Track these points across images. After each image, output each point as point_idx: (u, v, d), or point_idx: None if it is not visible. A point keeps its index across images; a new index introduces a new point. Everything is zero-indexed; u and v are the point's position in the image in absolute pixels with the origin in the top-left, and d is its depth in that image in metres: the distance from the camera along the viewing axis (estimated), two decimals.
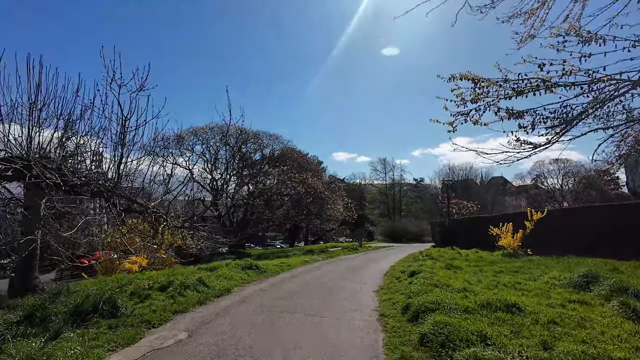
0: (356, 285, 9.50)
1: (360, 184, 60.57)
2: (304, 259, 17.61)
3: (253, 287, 9.29)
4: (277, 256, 21.72)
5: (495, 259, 15.32)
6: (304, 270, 13.31)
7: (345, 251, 23.72)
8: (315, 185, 25.42)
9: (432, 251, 20.37)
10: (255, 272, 11.73)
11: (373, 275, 11.75)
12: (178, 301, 6.84)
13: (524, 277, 10.04)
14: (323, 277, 11.25)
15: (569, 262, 12.92)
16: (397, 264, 14.89)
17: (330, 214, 27.43)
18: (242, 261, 13.50)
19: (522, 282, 8.89)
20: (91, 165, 7.78)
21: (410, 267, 12.53)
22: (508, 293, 7.35)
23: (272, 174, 30.72)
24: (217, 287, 8.43)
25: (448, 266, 12.11)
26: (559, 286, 8.31)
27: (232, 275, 10.71)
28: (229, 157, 28.82)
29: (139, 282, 9.08)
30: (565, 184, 65.76)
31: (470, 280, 9.20)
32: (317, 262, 16.77)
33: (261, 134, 32.11)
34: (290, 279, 10.86)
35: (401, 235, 36.88)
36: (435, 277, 8.95)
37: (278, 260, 16.94)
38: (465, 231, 24.01)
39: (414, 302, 5.79)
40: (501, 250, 17.92)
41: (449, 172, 64.05)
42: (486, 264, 13.59)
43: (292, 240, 50.90)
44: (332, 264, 15.47)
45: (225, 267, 12.41)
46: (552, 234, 17.35)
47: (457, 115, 4.09)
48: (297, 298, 7.61)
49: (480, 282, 9.16)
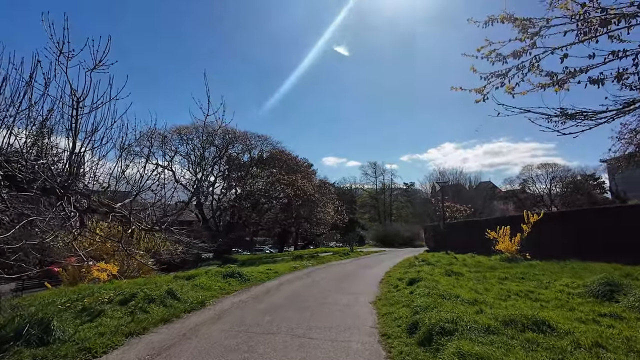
0: (350, 295, 8.43)
1: (350, 188, 59.75)
2: (292, 265, 16.44)
3: (232, 298, 8.10)
4: (264, 262, 20.45)
5: (494, 264, 14.50)
6: (292, 277, 12.16)
7: (336, 256, 22.63)
8: (305, 188, 24.31)
9: (428, 256, 19.49)
10: (238, 281, 10.53)
11: (368, 283, 10.70)
12: (137, 319, 5.63)
13: (532, 284, 9.18)
14: (313, 285, 10.13)
15: (573, 268, 12.21)
16: (392, 270, 13.90)
17: (320, 218, 26.31)
18: (224, 268, 12.28)
19: (534, 291, 8.00)
20: (36, 156, 6.49)
21: (407, 274, 11.55)
22: (525, 305, 6.43)
23: (261, 176, 29.49)
24: (190, 300, 7.22)
25: (448, 272, 11.17)
26: (577, 295, 7.45)
27: (211, 284, 9.50)
28: (215, 157, 27.47)
29: (99, 295, 7.82)
30: (553, 189, 66.60)
31: (477, 289, 8.26)
32: (306, 268, 15.63)
33: (249, 135, 30.89)
34: (277, 288, 9.71)
35: (393, 240, 36.02)
36: (439, 286, 7.98)
37: (265, 266, 15.72)
38: (460, 235, 23.28)
39: (424, 320, 4.75)
40: (499, 254, 17.17)
41: (440, 176, 64.00)
42: (487, 270, 12.75)
43: (281, 245, 49.46)
44: (322, 271, 14.36)
45: (204, 275, 11.18)
46: (549, 238, 16.67)
47: (490, 77, 3.09)
48: (283, 312, 6.49)
49: (488, 290, 8.23)
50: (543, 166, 68.91)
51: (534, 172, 68.58)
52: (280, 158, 29.28)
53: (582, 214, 16.79)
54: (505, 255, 16.57)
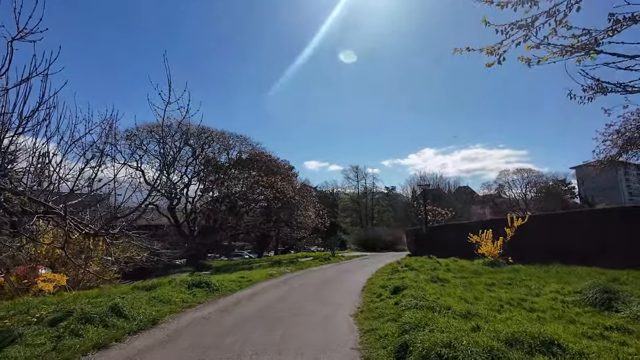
0: (329, 307, 7.56)
1: (332, 192, 59.14)
2: (269, 271, 15.40)
3: (194, 313, 7.03)
4: (239, 268, 19.25)
5: (478, 269, 14.08)
6: (267, 286, 11.15)
7: (316, 261, 21.72)
8: (285, 190, 23.29)
9: (410, 261, 18.95)
10: (205, 291, 9.42)
11: (349, 291, 9.87)
12: (62, 346, 4.50)
13: (522, 291, 8.68)
14: (289, 295, 9.19)
15: (558, 272, 11.92)
16: (375, 276, 13.16)
17: (301, 221, 25.31)
18: (191, 277, 11.10)
19: (526, 299, 7.44)
20: None
21: (391, 281, 10.82)
22: (522, 316, 5.79)
23: (239, 178, 28.21)
24: (140, 318, 6.10)
25: (434, 279, 10.54)
26: (572, 304, 6.93)
27: (172, 296, 8.36)
28: (190, 157, 26.00)
29: (34, 311, 6.57)
30: (528, 193, 68.79)
31: (466, 298, 7.61)
32: (284, 274, 14.63)
33: (227, 135, 29.58)
34: (249, 299, 8.69)
35: (375, 244, 35.51)
36: (426, 295, 7.26)
37: (239, 273, 14.60)
38: (442, 239, 22.98)
39: (415, 343, 3.95)
40: (482, 258, 16.85)
41: (420, 180, 64.62)
42: (472, 275, 12.27)
43: (260, 250, 47.94)
44: (301, 277, 13.42)
45: (167, 285, 9.99)
46: (530, 241, 16.49)
47: (509, 30, 2.35)
48: (251, 330, 5.54)
49: (479, 300, 7.60)
50: (519, 171, 71.30)
51: (510, 177, 70.87)
52: (260, 159, 28.15)
53: (569, 217, 16.66)
54: (488, 259, 16.25)
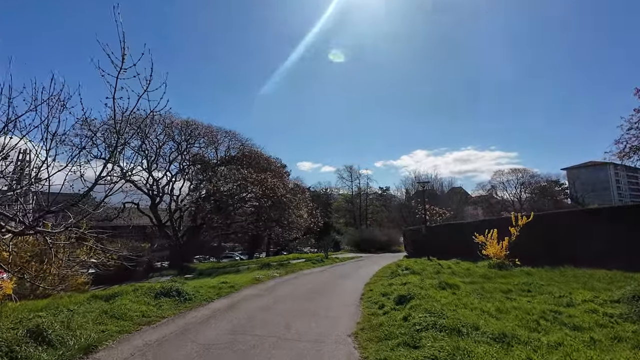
0: (322, 322, 6.14)
1: (326, 191, 57.80)
2: (256, 275, 13.90)
3: (150, 334, 5.53)
4: (225, 271, 17.70)
5: (486, 272, 12.80)
6: (250, 294, 9.66)
7: (309, 264, 20.27)
8: (275, 187, 21.77)
9: (409, 263, 17.64)
10: (174, 302, 7.91)
11: (345, 300, 8.47)
12: None
13: (548, 300, 7.39)
14: (274, 306, 7.73)
15: (575, 276, 10.71)
16: (373, 281, 11.79)
17: (292, 221, 23.80)
18: (163, 283, 9.54)
19: (561, 311, 6.14)
20: None
21: (393, 287, 9.46)
22: (571, 339, 4.45)
23: (228, 176, 26.56)
24: (72, 343, 4.59)
25: (442, 285, 9.19)
26: (620, 318, 5.64)
27: (131, 309, 6.85)
28: (173, 152, 24.32)
29: None
30: (523, 193, 68.48)
31: (488, 310, 6.26)
32: (272, 279, 13.16)
33: (215, 130, 27.95)
34: (224, 312, 7.21)
35: (370, 245, 34.15)
36: (441, 308, 5.89)
37: (221, 278, 13.09)
38: (442, 239, 21.74)
39: None
40: (486, 260, 15.59)
41: (415, 180, 63.75)
42: (482, 280, 11.00)
43: (251, 251, 46.26)
44: (290, 283, 11.97)
45: (131, 293, 8.46)
46: (536, 242, 15.29)
47: None
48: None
49: (502, 312, 6.25)
50: (513, 172, 71.07)
51: (505, 177, 70.53)
52: (250, 156, 26.58)
53: (577, 215, 15.46)
54: (493, 261, 15.00)
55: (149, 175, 22.40)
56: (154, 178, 23.86)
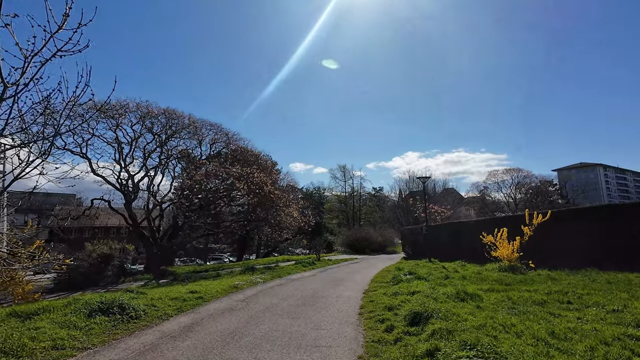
0: (307, 355, 4.26)
1: (319, 189, 55.97)
2: (235, 281, 11.93)
3: None
4: (203, 277, 15.63)
5: (500, 277, 11.07)
6: (221, 308, 7.70)
7: (299, 267, 18.33)
8: (262, 183, 19.75)
9: (411, 266, 15.88)
10: (112, 323, 5.92)
11: (340, 317, 6.59)
12: None
13: (601, 314, 5.66)
14: (244, 330, 5.79)
15: (610, 282, 8.98)
16: (373, 288, 9.94)
17: (281, 220, 21.79)
18: (103, 295, 7.49)
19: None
20: None
21: (399, 298, 7.63)
22: None
23: (212, 172, 24.41)
24: None
25: (460, 295, 7.41)
26: None
27: (46, 334, 4.89)
28: (151, 144, 22.11)
29: None
30: (518, 194, 67.67)
31: (541, 336, 4.45)
32: (254, 286, 11.20)
33: (199, 122, 25.77)
34: (173, 340, 5.24)
35: (365, 246, 32.29)
36: (476, 335, 4.07)
37: (194, 285, 11.07)
38: (443, 240, 20.05)
39: None
40: (495, 263, 13.90)
41: (409, 179, 62.51)
42: (500, 286, 9.30)
43: (240, 253, 44.04)
44: (274, 292, 10.04)
45: (60, 310, 6.48)
46: (552, 241, 13.66)
47: None
48: None
49: (561, 339, 4.47)
50: (507, 172, 70.26)
51: (499, 177, 69.67)
52: (236, 150, 24.50)
53: (607, 211, 13.73)
54: (504, 264, 13.30)
55: (121, 170, 20.16)
56: (128, 173, 21.62)
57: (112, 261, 17.92)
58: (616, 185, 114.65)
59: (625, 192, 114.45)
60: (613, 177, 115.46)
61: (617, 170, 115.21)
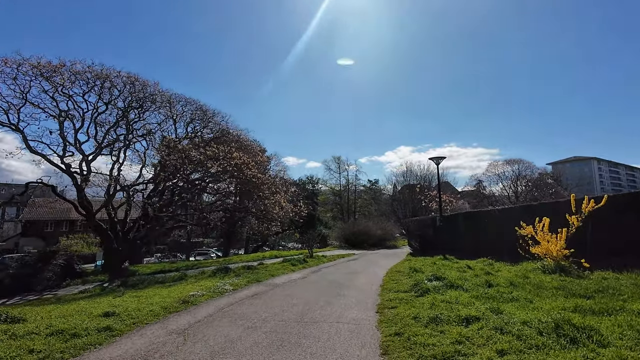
0: None
1: (312, 179, 52.67)
2: (193, 290, 8.50)
3: None
4: (159, 281, 12.15)
5: (562, 284, 7.79)
6: (138, 351, 4.29)
7: (286, 266, 14.96)
8: (243, 165, 16.19)
9: (426, 265, 12.67)
10: None
11: None
12: None
13: None
14: None
15: None
16: (389, 303, 6.57)
17: (266, 210, 18.31)
18: None
19: None
20: None
21: (447, 336, 4.31)
22: None
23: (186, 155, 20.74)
24: None
25: (563, 329, 4.10)
26: None
27: None
28: (109, 117, 18.33)
29: None
30: (519, 185, 65.22)
31: None
32: (217, 298, 7.79)
33: (173, 97, 21.99)
34: None
35: (362, 240, 29.10)
36: None
37: (127, 298, 7.63)
38: (458, 232, 16.89)
39: None
40: (534, 261, 10.68)
41: (407, 170, 59.58)
42: (582, 301, 6.02)
43: (226, 247, 40.60)
44: (239, 313, 6.64)
45: None
46: (605, 234, 10.57)
47: None
48: None
49: None
50: (508, 163, 67.62)
51: (500, 169, 67.03)
52: (213, 128, 20.78)
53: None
54: (548, 263, 10.08)
55: (65, 146, 16.38)
56: (82, 154, 17.87)
57: (54, 259, 14.35)
58: (609, 179, 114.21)
59: (618, 185, 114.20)
60: (606, 170, 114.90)
61: (610, 163, 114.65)
